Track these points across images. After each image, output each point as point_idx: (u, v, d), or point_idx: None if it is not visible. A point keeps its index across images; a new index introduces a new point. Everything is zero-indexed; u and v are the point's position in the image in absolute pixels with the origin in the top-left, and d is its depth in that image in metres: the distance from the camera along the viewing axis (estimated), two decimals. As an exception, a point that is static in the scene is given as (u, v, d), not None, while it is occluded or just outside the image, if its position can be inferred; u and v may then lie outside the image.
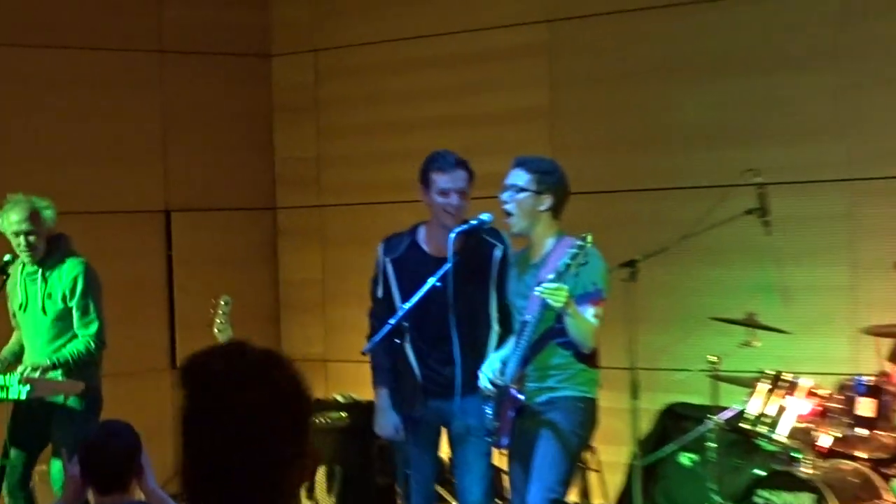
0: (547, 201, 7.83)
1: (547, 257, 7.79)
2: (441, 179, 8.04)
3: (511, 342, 7.91)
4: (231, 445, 2.96)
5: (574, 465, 8.21)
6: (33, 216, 8.91)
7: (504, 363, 7.81)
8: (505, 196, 7.81)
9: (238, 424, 2.96)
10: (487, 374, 7.78)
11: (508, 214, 7.80)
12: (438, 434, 8.32)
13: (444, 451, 8.82)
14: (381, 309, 8.16)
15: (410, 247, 8.21)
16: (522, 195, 7.79)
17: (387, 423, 8.16)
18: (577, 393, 7.82)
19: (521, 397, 7.78)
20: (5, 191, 9.13)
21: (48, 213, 9.00)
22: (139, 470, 5.86)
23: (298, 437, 3.02)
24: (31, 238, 8.91)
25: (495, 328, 8.21)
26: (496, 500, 9.14)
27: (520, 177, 7.84)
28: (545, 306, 7.57)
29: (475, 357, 8.05)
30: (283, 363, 3.09)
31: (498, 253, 8.13)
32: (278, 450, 2.98)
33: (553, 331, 7.70)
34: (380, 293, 8.24)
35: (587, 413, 7.94)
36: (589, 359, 7.88)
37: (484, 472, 8.29)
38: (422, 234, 8.21)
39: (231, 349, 3.17)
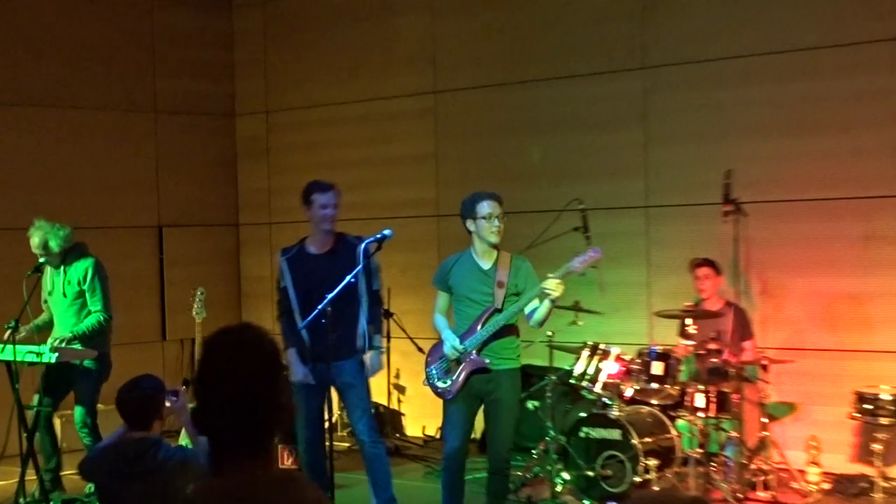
0: None
1: (496, 263, 7.73)
2: (321, 198, 8.08)
3: (462, 320, 7.74)
4: (230, 396, 2.99)
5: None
6: (44, 245, 8.76)
7: (460, 338, 7.61)
8: (498, 221, 7.64)
9: (235, 380, 3.00)
10: (454, 343, 7.58)
11: (499, 234, 7.66)
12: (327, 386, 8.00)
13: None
14: (283, 296, 8.19)
15: (300, 250, 8.21)
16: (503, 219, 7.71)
17: (297, 372, 7.98)
18: (516, 365, 7.77)
19: (486, 361, 7.60)
20: (44, 208, 9.08)
21: (54, 243, 8.77)
22: (159, 412, 5.74)
23: (278, 391, 3.06)
24: (43, 258, 8.82)
25: (365, 301, 8.12)
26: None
27: (501, 207, 7.73)
28: (525, 302, 7.57)
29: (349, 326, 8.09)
30: (266, 337, 3.12)
31: (363, 248, 7.91)
32: (263, 400, 3.01)
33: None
34: (281, 285, 8.24)
35: (519, 381, 7.92)
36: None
37: (368, 409, 8.34)
38: (307, 241, 8.23)
39: (234, 328, 3.20)
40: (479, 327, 7.63)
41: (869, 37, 9.13)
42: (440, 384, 7.74)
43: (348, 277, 7.75)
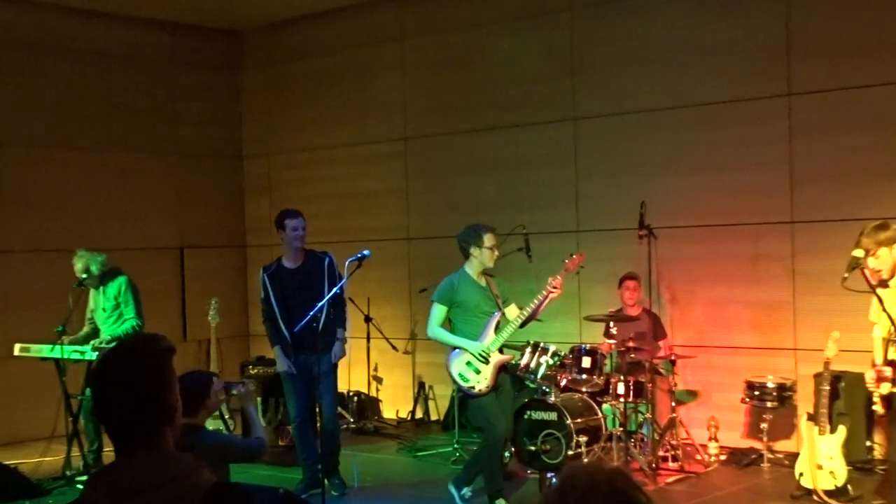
0: None
1: (486, 281, 7.76)
2: (292, 223, 8.26)
3: (471, 328, 7.66)
4: (129, 396, 2.68)
5: None
6: (86, 269, 8.78)
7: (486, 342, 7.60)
8: (496, 250, 7.71)
9: (133, 384, 2.69)
10: (481, 347, 7.52)
11: (495, 261, 7.72)
12: (310, 373, 8.07)
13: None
14: (266, 305, 8.29)
15: (278, 266, 8.35)
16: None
17: (282, 364, 8.13)
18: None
19: (512, 358, 7.86)
20: (87, 233, 9.24)
21: (94, 267, 8.78)
22: (205, 402, 5.50)
23: (166, 391, 2.74)
24: (86, 281, 8.83)
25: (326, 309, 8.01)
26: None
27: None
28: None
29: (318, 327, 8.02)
30: (156, 346, 2.82)
31: (326, 262, 8.20)
32: (155, 400, 2.70)
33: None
34: (262, 296, 8.34)
35: None
36: None
37: (333, 397, 8.35)
38: (283, 259, 8.36)
39: (134, 339, 2.97)
40: (492, 332, 7.67)
41: (758, 94, 9.23)
42: (476, 385, 7.60)
43: (335, 289, 7.86)
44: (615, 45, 10.01)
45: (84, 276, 8.86)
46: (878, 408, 6.13)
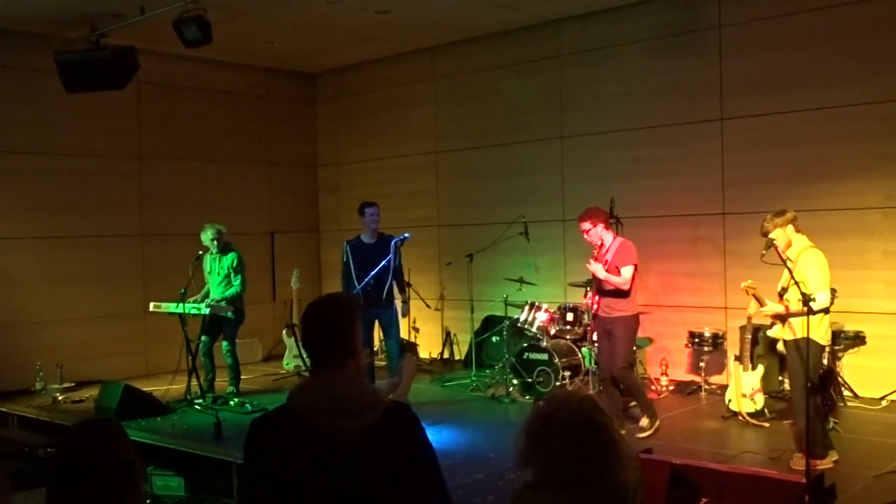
0: None
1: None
2: (370, 210, 8.21)
3: None
4: (323, 331, 2.52)
5: None
6: (216, 235, 8.78)
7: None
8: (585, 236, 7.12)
9: (326, 323, 2.53)
10: None
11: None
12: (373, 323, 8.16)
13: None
14: (345, 269, 8.18)
15: (357, 241, 8.26)
16: None
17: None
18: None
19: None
20: (205, 224, 8.96)
21: (221, 233, 8.81)
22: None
23: (352, 334, 2.53)
24: (216, 244, 8.78)
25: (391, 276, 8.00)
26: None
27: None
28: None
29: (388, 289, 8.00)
30: (351, 304, 2.60)
31: (394, 243, 8.02)
32: (342, 337, 2.50)
33: None
34: (343, 260, 8.23)
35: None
36: None
37: (397, 340, 8.25)
38: (362, 236, 8.27)
39: (333, 294, 2.72)
40: None
41: (698, 119, 9.12)
42: None
43: (383, 262, 7.82)
44: (592, 84, 9.92)
45: (214, 240, 8.78)
46: (780, 345, 6.13)
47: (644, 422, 7.14)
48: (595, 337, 8.47)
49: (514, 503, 2.30)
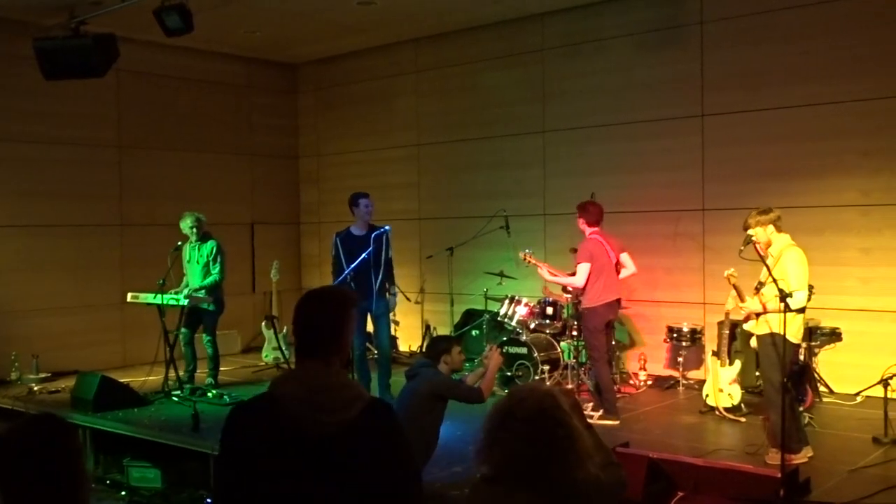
0: None
1: None
2: (364, 201, 8.06)
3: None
4: (313, 322, 2.48)
5: None
6: (198, 221, 8.76)
7: None
8: None
9: (318, 315, 2.50)
10: None
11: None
12: (366, 315, 8.02)
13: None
14: (335, 262, 8.05)
15: (347, 233, 8.09)
16: None
17: None
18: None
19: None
20: (184, 211, 9.01)
21: (201, 221, 8.77)
22: (443, 357, 5.40)
23: (341, 329, 2.48)
24: (195, 231, 8.74)
25: (381, 269, 7.92)
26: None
27: None
28: None
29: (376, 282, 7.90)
30: (345, 298, 2.56)
31: (380, 234, 7.92)
32: (330, 331, 2.46)
33: None
34: (333, 253, 8.11)
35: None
36: None
37: (387, 333, 8.14)
38: (351, 228, 8.11)
39: (330, 287, 2.67)
40: None
41: (679, 115, 9.13)
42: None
43: (363, 255, 7.72)
44: (574, 78, 9.92)
45: (193, 228, 8.74)
46: (753, 340, 6.14)
47: (597, 413, 7.23)
48: (574, 331, 8.54)
49: (472, 495, 2.29)
